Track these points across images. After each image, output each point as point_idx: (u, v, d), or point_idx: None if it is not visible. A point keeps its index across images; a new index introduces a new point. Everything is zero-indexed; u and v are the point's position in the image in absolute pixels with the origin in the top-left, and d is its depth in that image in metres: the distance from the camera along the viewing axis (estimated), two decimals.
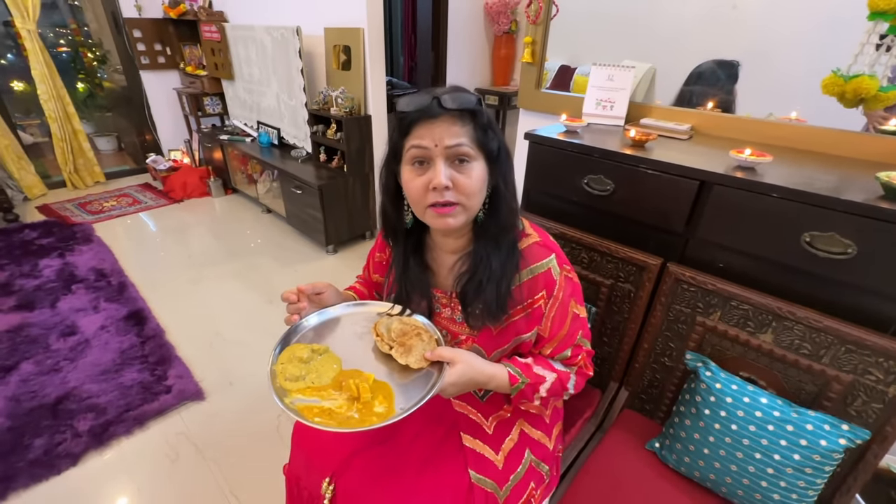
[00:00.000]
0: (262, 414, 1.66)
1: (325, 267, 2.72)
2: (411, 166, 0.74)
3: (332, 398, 0.73)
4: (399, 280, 0.88)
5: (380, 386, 0.75)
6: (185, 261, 2.76)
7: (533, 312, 0.81)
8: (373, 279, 1.03)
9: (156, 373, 1.79)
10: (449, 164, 0.71)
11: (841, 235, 0.84)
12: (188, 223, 3.30)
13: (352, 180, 2.73)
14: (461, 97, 0.69)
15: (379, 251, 1.00)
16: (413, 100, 0.71)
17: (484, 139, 0.72)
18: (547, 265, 0.80)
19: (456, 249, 0.85)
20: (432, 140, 0.70)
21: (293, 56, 2.71)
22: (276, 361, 0.77)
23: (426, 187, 0.72)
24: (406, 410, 0.68)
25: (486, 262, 0.78)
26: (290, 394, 0.72)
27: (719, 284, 0.98)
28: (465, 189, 0.72)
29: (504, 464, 0.86)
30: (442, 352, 0.76)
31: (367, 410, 0.70)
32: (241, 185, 3.65)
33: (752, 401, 0.90)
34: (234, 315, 2.25)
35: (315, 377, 0.76)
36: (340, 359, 0.80)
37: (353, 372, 0.77)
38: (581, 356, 0.85)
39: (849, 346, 0.85)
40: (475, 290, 0.79)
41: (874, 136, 1.09)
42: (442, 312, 0.88)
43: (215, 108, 3.88)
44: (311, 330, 0.86)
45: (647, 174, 1.05)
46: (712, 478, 0.95)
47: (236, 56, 3.37)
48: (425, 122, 0.70)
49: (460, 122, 0.70)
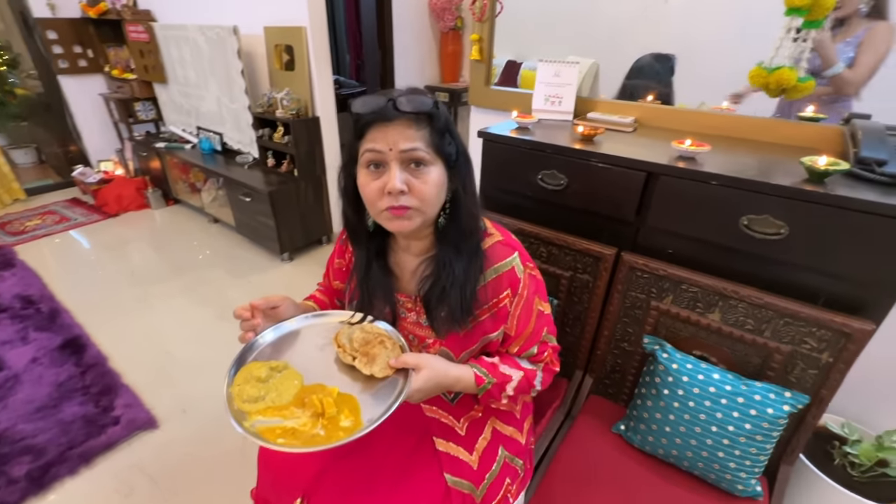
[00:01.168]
0: (223, 437, 1.57)
1: (282, 276, 2.62)
2: (367, 169, 0.72)
3: (295, 416, 0.69)
4: (360, 284, 0.86)
5: (345, 399, 0.72)
6: (125, 279, 2.57)
7: (498, 312, 0.82)
8: (333, 286, 1.01)
9: (100, 404, 1.65)
10: (404, 167, 0.70)
11: (774, 217, 0.90)
12: (127, 238, 3.07)
13: (303, 184, 2.64)
14: (417, 100, 0.68)
15: (338, 257, 0.97)
16: (367, 102, 0.69)
17: (440, 143, 0.71)
18: (510, 264, 0.80)
19: (418, 252, 0.84)
20: (386, 144, 0.69)
21: (232, 57, 2.57)
22: (232, 383, 0.73)
23: (381, 191, 0.71)
24: (374, 422, 0.67)
25: (449, 268, 0.77)
26: (249, 416, 0.69)
27: (670, 270, 1.03)
28: (421, 194, 0.71)
29: (479, 463, 0.87)
30: (406, 358, 0.75)
31: (333, 426, 0.68)
32: (184, 194, 3.44)
33: (705, 378, 0.96)
34: (184, 334, 2.12)
35: (275, 396, 0.72)
36: (301, 374, 0.77)
37: (316, 387, 0.74)
38: (547, 353, 0.86)
39: (786, 318, 0.92)
40: (439, 295, 0.78)
41: (795, 122, 1.18)
42: (407, 317, 0.87)
43: (148, 113, 3.63)
44: (269, 346, 0.82)
45: (598, 168, 1.08)
46: (675, 453, 1.00)
47: (168, 58, 3.16)
48: (380, 126, 0.69)
49: (416, 125, 0.69)
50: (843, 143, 1.09)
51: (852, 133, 1.02)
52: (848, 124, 1.09)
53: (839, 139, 1.11)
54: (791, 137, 1.17)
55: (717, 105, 1.52)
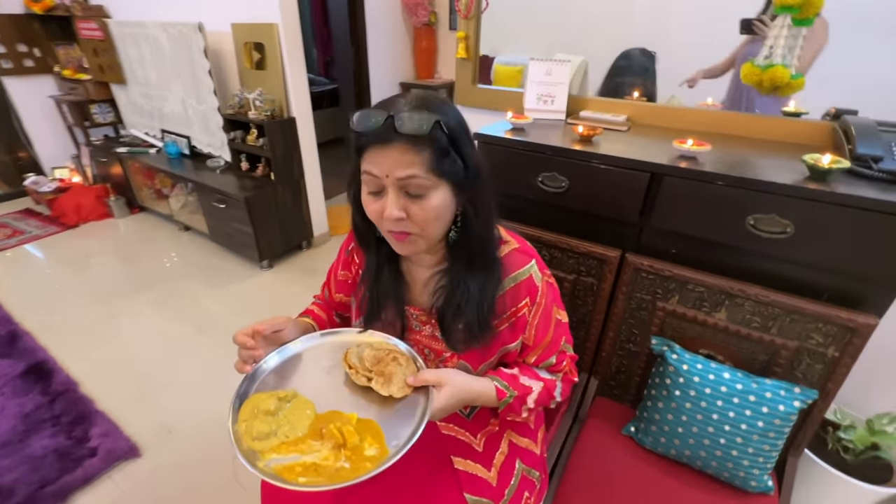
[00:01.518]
0: (213, 460, 1.49)
1: (262, 284, 2.52)
2: (366, 190, 0.69)
3: (315, 450, 0.64)
4: (370, 290, 0.81)
5: (365, 425, 0.67)
6: (91, 295, 2.40)
7: (517, 322, 0.79)
8: (335, 299, 0.95)
9: (73, 435, 1.53)
10: (402, 193, 0.66)
11: (780, 216, 0.90)
12: (89, 251, 2.88)
13: (281, 188, 2.54)
14: (417, 120, 0.60)
15: (343, 269, 0.92)
16: (365, 119, 0.63)
17: (443, 165, 0.64)
18: (528, 272, 0.77)
19: (430, 264, 0.80)
20: (382, 170, 0.64)
21: (197, 56, 2.43)
22: (237, 420, 0.67)
23: (380, 214, 0.68)
24: (402, 448, 0.63)
25: (463, 285, 0.74)
26: (262, 456, 0.63)
27: (676, 270, 1.02)
28: (420, 221, 0.67)
29: (497, 479, 0.84)
30: (426, 375, 0.71)
31: (358, 456, 0.63)
32: (150, 201, 3.26)
33: (716, 377, 0.96)
34: (161, 351, 2.00)
35: (288, 429, 0.66)
36: (312, 402, 0.71)
37: (332, 414, 0.69)
38: (566, 362, 0.84)
39: (793, 315, 0.93)
40: (454, 312, 0.75)
41: (787, 119, 1.20)
42: (422, 330, 0.83)
43: (106, 116, 3.41)
44: (272, 374, 0.76)
45: (601, 169, 1.07)
46: (688, 454, 1.00)
47: (126, 57, 2.97)
48: (377, 148, 0.63)
49: (415, 148, 0.62)
50: (834, 139, 1.11)
51: (844, 129, 1.04)
52: (838, 120, 1.11)
53: (830, 135, 1.13)
54: (782, 134, 1.19)
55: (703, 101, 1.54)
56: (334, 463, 0.62)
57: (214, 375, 1.84)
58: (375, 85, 3.58)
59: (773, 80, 1.08)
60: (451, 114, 0.66)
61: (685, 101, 1.42)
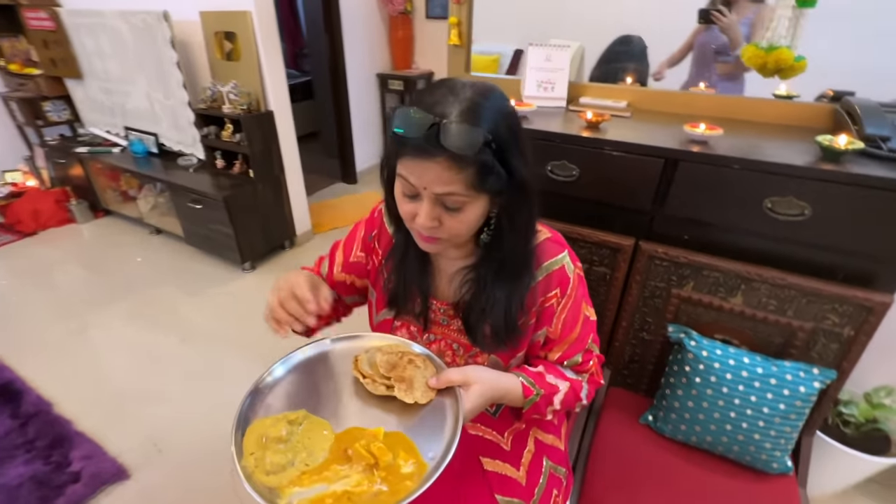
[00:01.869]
0: (208, 475, 1.40)
1: (246, 287, 2.40)
2: (400, 189, 0.64)
3: (342, 476, 0.57)
4: (397, 271, 0.77)
5: (394, 439, 0.61)
6: (57, 308, 2.23)
7: (545, 312, 0.75)
8: (337, 279, 0.86)
9: (52, 460, 1.41)
10: (438, 204, 0.61)
11: (797, 198, 0.90)
12: (51, 260, 2.67)
13: (261, 186, 2.42)
14: (466, 136, 0.54)
15: (362, 250, 0.84)
16: (408, 121, 0.56)
17: (486, 183, 0.58)
18: (561, 262, 0.74)
19: (458, 257, 0.76)
20: (421, 182, 0.59)
21: (164, 46, 2.27)
22: (243, 455, 0.58)
23: (412, 216, 0.64)
24: (443, 459, 0.57)
25: (490, 290, 0.70)
26: (282, 492, 0.55)
27: (691, 256, 1.01)
28: (452, 230, 0.63)
29: (527, 479, 0.81)
30: (451, 376, 0.67)
31: (395, 476, 0.56)
32: (115, 204, 3.06)
33: (736, 362, 0.96)
34: (140, 364, 1.87)
35: (306, 456, 0.59)
36: (327, 421, 0.64)
37: (353, 432, 0.62)
38: (592, 362, 0.81)
39: (809, 297, 0.94)
40: (478, 316, 0.72)
41: (788, 102, 1.21)
42: (450, 325, 0.79)
43: (61, 114, 3.16)
44: (270, 394, 0.68)
45: (613, 156, 1.04)
46: (709, 440, 1.00)
47: (82, 49, 2.76)
48: (416, 157, 0.57)
49: (458, 165, 0.56)
50: (834, 121, 1.12)
51: (848, 111, 1.05)
52: (838, 102, 1.12)
53: (829, 117, 1.14)
54: (783, 117, 1.20)
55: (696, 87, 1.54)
56: (369, 487, 0.55)
57: (201, 386, 1.74)
58: (352, 76, 3.46)
59: (778, 62, 1.08)
60: (505, 118, 0.59)
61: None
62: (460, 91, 0.58)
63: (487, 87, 0.60)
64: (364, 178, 3.89)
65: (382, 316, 0.82)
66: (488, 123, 0.56)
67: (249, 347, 1.92)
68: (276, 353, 0.68)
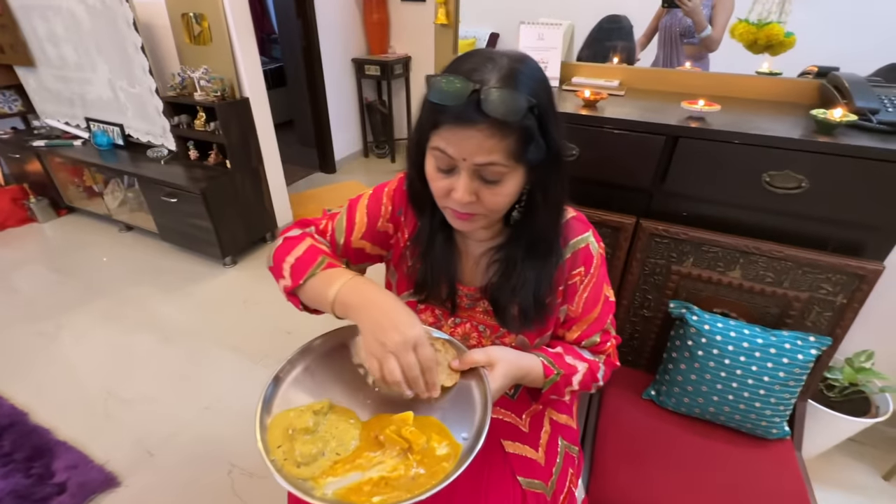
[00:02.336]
0: (205, 475, 1.36)
1: (227, 283, 2.32)
2: (434, 164, 0.61)
3: (376, 462, 0.56)
4: (423, 257, 0.74)
5: (424, 423, 0.61)
6: (23, 313, 2.10)
7: (568, 290, 0.75)
8: (355, 245, 0.78)
9: (33, 472, 1.33)
10: (476, 176, 0.58)
11: (794, 171, 0.92)
12: (12, 262, 2.51)
13: (239, 177, 2.33)
14: (510, 101, 0.52)
15: (390, 221, 0.77)
16: (446, 89, 0.53)
17: (525, 151, 0.56)
18: (586, 240, 0.73)
19: (485, 238, 0.74)
20: (460, 153, 0.56)
21: (126, 29, 2.13)
22: (270, 450, 0.56)
23: (447, 192, 0.61)
24: (478, 438, 0.57)
25: (520, 270, 0.69)
26: (316, 483, 0.53)
27: (691, 233, 1.03)
28: (490, 205, 0.61)
29: (545, 459, 0.82)
30: (474, 356, 0.66)
31: (431, 458, 0.56)
32: (79, 201, 2.89)
33: (737, 334, 0.98)
34: (120, 367, 1.79)
35: (336, 445, 0.58)
36: (352, 410, 0.63)
37: (381, 419, 0.62)
38: (610, 343, 0.81)
39: (805, 268, 0.97)
40: (508, 296, 0.70)
41: (775, 78, 1.23)
42: (476, 307, 0.77)
43: (12, 105, 2.94)
44: (291, 384, 0.66)
45: (613, 134, 1.04)
46: (712, 410, 1.03)
47: (32, 33, 2.56)
48: (455, 126, 0.54)
49: (500, 133, 0.54)
50: (820, 96, 1.15)
51: (836, 85, 1.07)
52: (825, 77, 1.15)
53: (815, 92, 1.17)
54: (770, 93, 1.22)
55: (682, 66, 1.56)
56: (406, 472, 0.54)
57: (187, 386, 1.68)
58: (327, 62, 3.35)
59: (769, 37, 1.09)
60: (543, 87, 0.57)
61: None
62: (497, 58, 0.56)
63: (522, 54, 0.58)
64: (343, 168, 3.81)
65: (405, 298, 0.80)
66: (528, 89, 0.54)
67: (235, 345, 1.86)
68: (264, 351, 0.64)
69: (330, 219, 0.80)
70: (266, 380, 0.64)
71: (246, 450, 1.43)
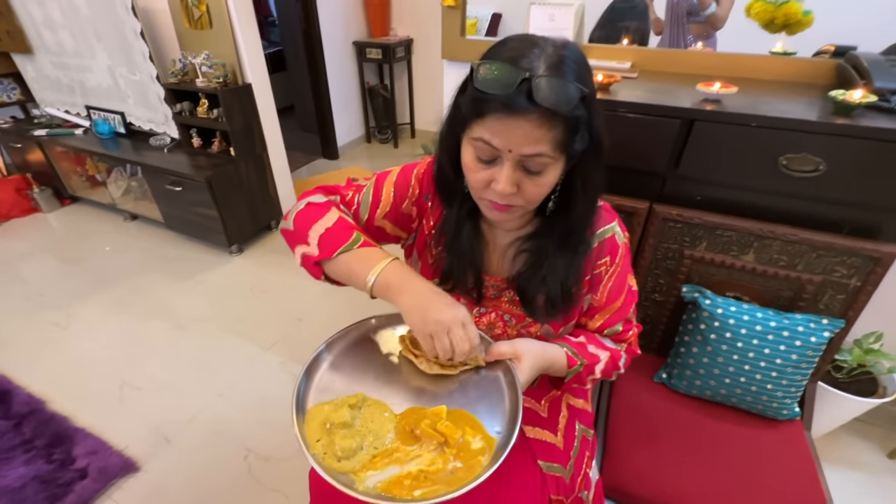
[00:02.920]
0: (222, 459, 1.39)
1: (234, 271, 2.33)
2: (474, 154, 0.59)
3: (414, 456, 0.57)
4: (449, 247, 0.73)
5: (458, 416, 0.62)
6: (34, 302, 2.11)
7: (594, 279, 0.75)
8: (377, 224, 0.77)
9: (54, 458, 1.36)
10: (519, 167, 0.57)
11: (812, 154, 0.91)
12: (19, 252, 2.51)
13: (243, 165, 2.31)
14: (562, 90, 0.50)
15: (415, 205, 0.76)
16: (494, 76, 0.51)
17: (571, 141, 0.55)
18: (612, 230, 0.73)
19: (514, 227, 0.74)
20: (506, 144, 0.54)
21: (124, 14, 2.09)
22: (310, 444, 0.57)
23: (486, 183, 0.60)
24: (511, 433, 0.58)
25: (551, 261, 0.68)
26: (357, 476, 0.54)
27: (705, 217, 1.02)
28: (531, 196, 0.60)
29: (563, 443, 0.83)
30: (501, 348, 0.67)
31: (467, 452, 0.57)
32: (83, 190, 2.88)
33: (751, 318, 0.99)
34: (134, 354, 1.81)
35: (373, 439, 0.59)
36: (384, 403, 0.64)
37: (414, 412, 0.62)
38: (632, 332, 0.82)
39: (819, 251, 0.96)
40: (537, 286, 0.70)
41: (792, 58, 1.21)
42: (502, 297, 0.78)
43: (11, 94, 2.91)
44: (325, 379, 0.67)
45: (627, 118, 1.03)
46: (723, 392, 1.04)
47: (28, 19, 2.52)
48: (503, 117, 0.53)
49: (549, 123, 0.52)
50: (837, 76, 1.13)
51: (854, 65, 1.06)
52: (843, 56, 1.13)
53: (832, 72, 1.15)
54: (785, 73, 1.20)
55: (694, 46, 1.53)
56: (444, 466, 0.55)
57: (201, 372, 1.70)
58: (328, 46, 3.29)
59: (788, 16, 1.07)
60: (587, 71, 0.56)
61: None
62: (542, 43, 0.54)
63: (563, 39, 0.57)
64: (346, 153, 3.78)
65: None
66: (577, 77, 0.53)
67: (245, 332, 1.87)
68: (274, 338, 0.64)
69: (356, 190, 0.77)
70: (278, 367, 0.65)
71: (261, 435, 1.46)
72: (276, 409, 1.54)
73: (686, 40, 1.56)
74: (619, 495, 0.95)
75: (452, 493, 0.51)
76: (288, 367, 1.69)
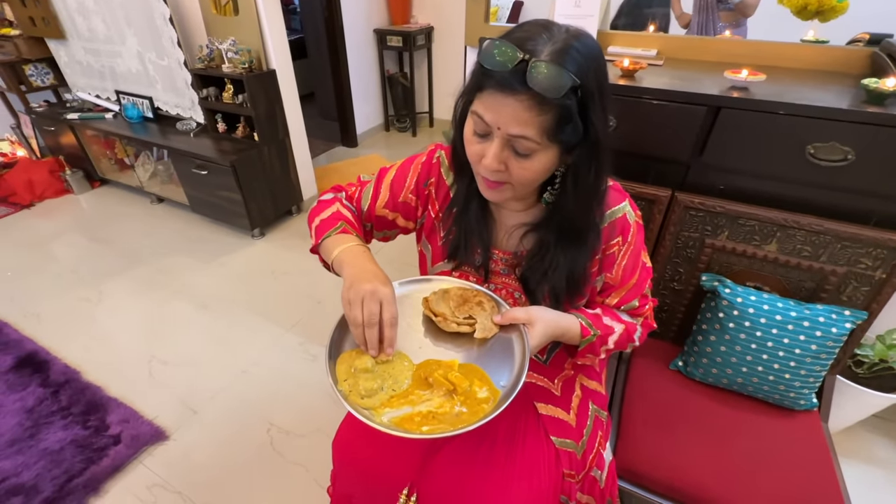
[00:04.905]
0: (246, 432, 1.45)
1: (256, 254, 2.39)
2: (472, 127, 0.63)
3: (425, 399, 0.64)
4: (458, 222, 0.77)
5: (468, 370, 0.67)
6: (68, 279, 2.21)
7: (606, 259, 0.77)
8: (378, 213, 0.84)
9: (90, 424, 1.44)
10: (507, 146, 0.60)
11: (840, 143, 0.90)
12: (53, 231, 2.62)
13: (266, 150, 2.36)
14: (553, 78, 0.52)
15: (413, 194, 0.82)
16: (494, 54, 0.54)
17: (561, 133, 0.57)
18: (623, 210, 0.75)
19: (519, 209, 0.77)
20: (496, 120, 0.58)
21: (154, 1, 2.14)
22: (338, 380, 0.65)
23: (479, 157, 0.63)
24: (515, 386, 0.62)
25: (552, 253, 0.71)
26: (375, 412, 0.62)
27: (728, 206, 1.02)
28: (517, 177, 0.63)
29: (576, 421, 0.86)
30: (516, 313, 0.70)
31: (472, 400, 0.63)
32: (112, 173, 2.97)
33: (771, 307, 0.99)
34: (163, 331, 1.88)
35: (392, 383, 0.66)
36: (406, 354, 0.70)
37: (430, 363, 0.68)
38: (648, 306, 0.83)
39: (844, 242, 0.95)
40: (538, 279, 0.73)
41: (823, 46, 1.18)
42: (511, 273, 0.80)
43: (44, 78, 3.01)
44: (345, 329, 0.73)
45: (653, 105, 1.02)
46: (740, 381, 1.05)
47: (62, 5, 2.59)
48: (496, 93, 0.56)
49: (538, 108, 0.55)
50: (872, 65, 1.11)
51: (890, 53, 1.03)
52: (878, 45, 1.10)
53: (866, 61, 1.12)
54: (817, 62, 1.17)
55: (721, 35, 1.50)
56: (451, 409, 0.62)
57: (226, 349, 1.76)
58: (349, 33, 3.31)
59: (821, 2, 1.05)
60: (594, 68, 0.57)
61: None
62: (555, 30, 0.56)
63: (583, 31, 0.58)
64: (365, 142, 3.81)
65: (439, 268, 0.83)
66: (577, 68, 0.54)
67: (267, 313, 1.93)
68: (294, 319, 0.69)
69: (361, 186, 0.86)
70: (298, 347, 0.71)
71: (283, 411, 1.51)
72: (296, 387, 1.60)
73: (716, 28, 1.53)
74: (633, 476, 0.97)
75: (455, 431, 0.57)
76: (307, 347, 1.74)
